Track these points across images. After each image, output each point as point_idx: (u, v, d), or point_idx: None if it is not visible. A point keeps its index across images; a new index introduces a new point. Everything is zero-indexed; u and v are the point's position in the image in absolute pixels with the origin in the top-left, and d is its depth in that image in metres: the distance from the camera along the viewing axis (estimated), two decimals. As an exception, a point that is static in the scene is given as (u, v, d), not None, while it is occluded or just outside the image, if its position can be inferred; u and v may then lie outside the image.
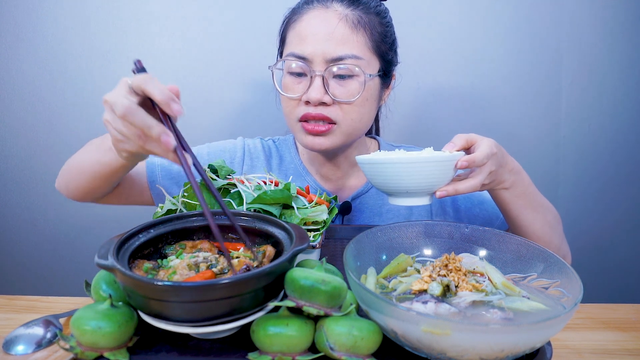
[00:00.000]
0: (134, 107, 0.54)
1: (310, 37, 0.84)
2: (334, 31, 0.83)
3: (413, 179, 0.68)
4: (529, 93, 1.33)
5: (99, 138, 0.83)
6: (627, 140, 1.35)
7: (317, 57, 0.83)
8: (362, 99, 0.87)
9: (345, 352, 0.46)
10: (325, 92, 0.84)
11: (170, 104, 0.55)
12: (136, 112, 0.54)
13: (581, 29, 1.30)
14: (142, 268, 0.52)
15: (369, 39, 0.86)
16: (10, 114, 1.31)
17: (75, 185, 0.86)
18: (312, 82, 0.84)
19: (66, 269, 1.40)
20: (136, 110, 0.54)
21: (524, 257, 0.60)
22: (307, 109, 0.86)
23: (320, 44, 0.83)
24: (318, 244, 0.66)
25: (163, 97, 0.55)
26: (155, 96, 0.55)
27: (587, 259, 1.40)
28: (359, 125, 0.90)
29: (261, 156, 1.03)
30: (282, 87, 0.89)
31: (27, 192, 1.35)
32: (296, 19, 0.88)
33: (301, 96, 0.86)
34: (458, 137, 0.73)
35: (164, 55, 1.29)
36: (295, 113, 0.89)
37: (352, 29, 0.84)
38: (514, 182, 0.78)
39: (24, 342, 0.56)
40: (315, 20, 0.85)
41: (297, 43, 0.86)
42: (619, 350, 0.60)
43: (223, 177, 0.73)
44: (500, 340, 0.42)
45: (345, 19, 0.84)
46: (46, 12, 1.26)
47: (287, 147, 1.06)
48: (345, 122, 0.88)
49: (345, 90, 0.85)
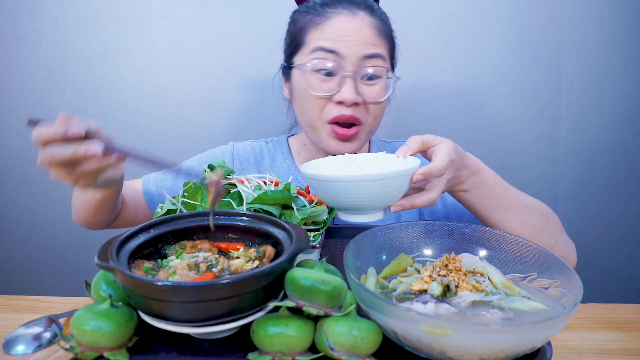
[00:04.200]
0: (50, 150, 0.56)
1: (341, 35, 0.86)
2: (364, 33, 0.86)
3: (364, 197, 0.61)
4: (528, 93, 1.33)
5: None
6: (627, 140, 1.35)
7: (349, 54, 0.85)
8: (386, 100, 0.91)
9: (345, 352, 0.46)
10: (357, 92, 0.86)
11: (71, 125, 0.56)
12: (55, 151, 0.56)
13: (581, 29, 1.30)
14: (142, 268, 0.52)
15: (388, 45, 0.91)
16: (10, 114, 1.31)
17: (83, 219, 0.89)
18: (344, 82, 0.85)
19: (66, 269, 1.40)
20: (55, 150, 0.56)
21: (524, 257, 0.60)
22: (340, 110, 0.87)
23: (352, 42, 0.86)
24: (318, 244, 0.66)
25: (62, 128, 0.55)
26: (58, 134, 0.55)
27: (587, 259, 1.40)
28: (377, 124, 0.94)
29: (251, 159, 1.03)
30: (307, 86, 0.88)
31: (27, 192, 1.35)
32: (320, 21, 0.88)
33: (331, 96, 0.87)
34: (413, 140, 0.68)
35: (164, 55, 1.29)
36: (325, 113, 0.88)
37: (377, 34, 0.88)
38: (475, 183, 0.73)
39: (24, 342, 0.56)
40: (344, 23, 0.87)
41: (325, 40, 0.87)
42: (618, 350, 0.60)
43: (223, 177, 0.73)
44: (500, 340, 0.42)
45: (372, 25, 0.88)
46: (46, 12, 1.26)
47: (280, 147, 1.06)
48: (368, 122, 0.90)
49: (373, 91, 0.88)
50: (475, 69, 1.32)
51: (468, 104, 1.34)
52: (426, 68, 1.31)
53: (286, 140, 1.07)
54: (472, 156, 0.75)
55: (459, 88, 1.33)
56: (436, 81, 1.32)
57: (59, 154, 0.56)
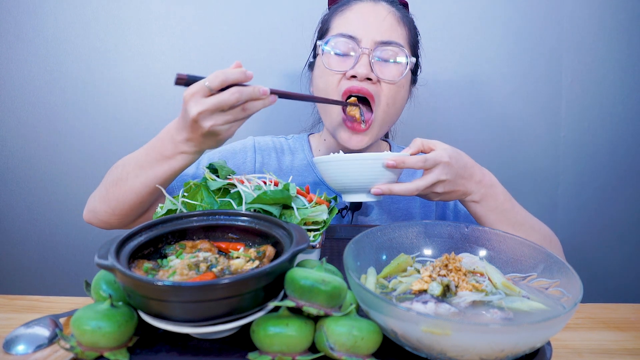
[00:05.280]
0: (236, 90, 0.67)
1: (360, 21, 0.90)
2: (383, 20, 0.90)
3: (348, 177, 0.75)
4: (528, 92, 1.33)
5: (131, 158, 0.80)
6: (627, 139, 1.35)
7: (366, 38, 0.89)
8: (402, 82, 0.92)
9: (345, 352, 0.46)
10: (371, 69, 0.88)
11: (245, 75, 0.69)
12: (241, 91, 0.67)
13: (581, 28, 1.30)
14: (142, 268, 0.52)
15: (409, 35, 0.95)
16: (10, 114, 1.30)
17: (127, 204, 0.81)
18: (359, 59, 0.89)
19: (66, 269, 1.40)
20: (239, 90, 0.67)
21: (524, 257, 0.60)
22: (351, 82, 0.89)
23: (370, 28, 0.89)
24: (318, 244, 0.66)
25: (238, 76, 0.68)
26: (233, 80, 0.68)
27: (587, 259, 1.40)
28: (392, 114, 0.95)
29: (272, 152, 1.05)
30: (324, 63, 0.92)
31: (27, 192, 1.35)
32: (343, 9, 0.93)
33: (346, 72, 0.90)
34: (414, 141, 0.77)
35: (164, 55, 1.29)
36: (338, 87, 0.91)
37: (398, 22, 0.92)
38: (485, 196, 0.79)
39: (24, 342, 0.56)
40: (365, 10, 0.92)
41: (344, 25, 0.91)
42: (618, 350, 0.60)
43: (223, 177, 0.73)
44: (500, 340, 0.42)
45: (393, 13, 0.92)
46: (46, 11, 1.26)
47: (301, 144, 1.08)
48: (381, 105, 0.91)
49: (387, 70, 0.90)
50: (475, 68, 1.32)
51: (468, 104, 1.34)
52: (426, 67, 1.31)
53: (307, 137, 1.10)
54: (487, 171, 0.80)
55: (459, 88, 1.33)
56: (436, 81, 1.32)
57: (231, 98, 0.66)
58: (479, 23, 1.29)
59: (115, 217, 0.83)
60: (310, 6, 1.18)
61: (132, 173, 0.79)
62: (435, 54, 1.30)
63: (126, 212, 0.82)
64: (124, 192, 0.79)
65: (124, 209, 0.81)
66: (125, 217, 0.83)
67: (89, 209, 0.87)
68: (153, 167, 0.76)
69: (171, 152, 0.74)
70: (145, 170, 0.77)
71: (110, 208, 0.82)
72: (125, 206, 0.81)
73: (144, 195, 0.79)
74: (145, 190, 0.78)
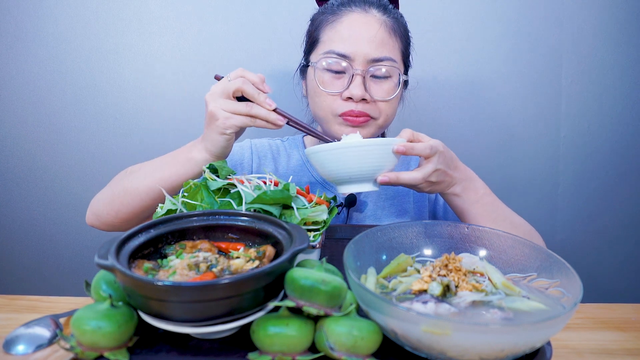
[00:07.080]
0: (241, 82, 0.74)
1: (352, 37, 0.89)
2: (375, 35, 0.89)
3: (349, 165, 0.70)
4: (528, 93, 1.33)
5: (142, 164, 0.86)
6: (627, 139, 1.35)
7: (359, 56, 0.88)
8: (396, 98, 0.94)
9: (345, 352, 0.46)
10: (365, 90, 0.89)
11: (263, 87, 0.76)
12: (246, 84, 0.74)
13: (581, 29, 1.30)
14: (142, 268, 0.52)
15: (401, 44, 0.94)
16: (11, 114, 1.30)
17: (132, 208, 0.83)
18: (353, 80, 0.89)
19: (66, 269, 1.40)
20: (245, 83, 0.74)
21: (524, 257, 0.60)
22: (349, 105, 0.90)
23: (362, 45, 0.88)
24: (318, 244, 0.66)
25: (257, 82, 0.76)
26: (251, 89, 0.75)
27: (587, 259, 1.40)
28: (390, 120, 0.96)
29: (268, 154, 1.06)
30: (318, 82, 0.92)
31: (27, 192, 1.35)
32: (334, 19, 0.92)
33: (341, 92, 0.90)
34: (405, 131, 0.77)
35: (164, 55, 1.29)
36: (334, 107, 0.91)
37: (389, 34, 0.91)
38: (465, 189, 0.80)
39: (24, 342, 0.56)
40: (356, 23, 0.90)
41: (338, 42, 0.90)
42: (618, 350, 0.60)
43: (223, 177, 0.73)
44: (500, 340, 0.42)
45: (385, 24, 0.91)
46: (46, 12, 1.26)
47: (296, 145, 1.09)
48: (381, 117, 0.93)
49: (382, 89, 0.91)
50: (474, 68, 1.32)
51: (467, 104, 1.34)
52: (425, 67, 1.31)
53: (302, 138, 1.11)
54: (465, 165, 0.82)
55: (458, 88, 1.33)
56: (435, 80, 1.32)
57: (236, 82, 0.74)
58: (479, 23, 1.29)
59: (119, 221, 0.86)
60: (311, 8, 1.18)
61: (141, 177, 0.82)
62: (435, 54, 1.30)
63: (130, 217, 0.84)
64: (131, 197, 0.82)
65: (128, 213, 0.83)
66: (129, 221, 0.85)
67: (92, 212, 0.89)
68: (163, 169, 0.80)
69: (183, 155, 0.79)
70: (155, 173, 0.80)
71: (114, 210, 0.85)
72: (130, 210, 0.83)
73: (149, 199, 0.81)
74: (151, 193, 0.80)
